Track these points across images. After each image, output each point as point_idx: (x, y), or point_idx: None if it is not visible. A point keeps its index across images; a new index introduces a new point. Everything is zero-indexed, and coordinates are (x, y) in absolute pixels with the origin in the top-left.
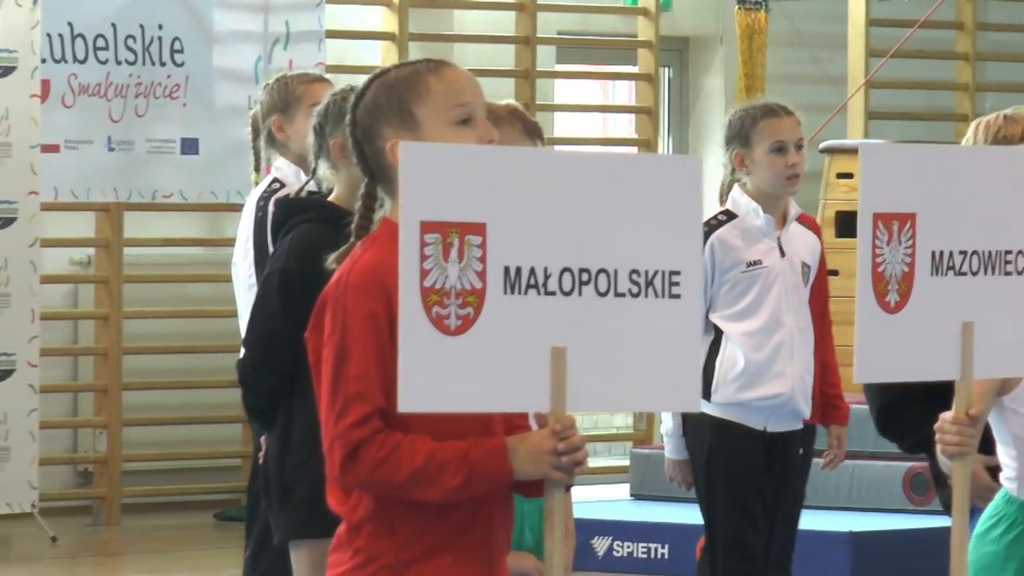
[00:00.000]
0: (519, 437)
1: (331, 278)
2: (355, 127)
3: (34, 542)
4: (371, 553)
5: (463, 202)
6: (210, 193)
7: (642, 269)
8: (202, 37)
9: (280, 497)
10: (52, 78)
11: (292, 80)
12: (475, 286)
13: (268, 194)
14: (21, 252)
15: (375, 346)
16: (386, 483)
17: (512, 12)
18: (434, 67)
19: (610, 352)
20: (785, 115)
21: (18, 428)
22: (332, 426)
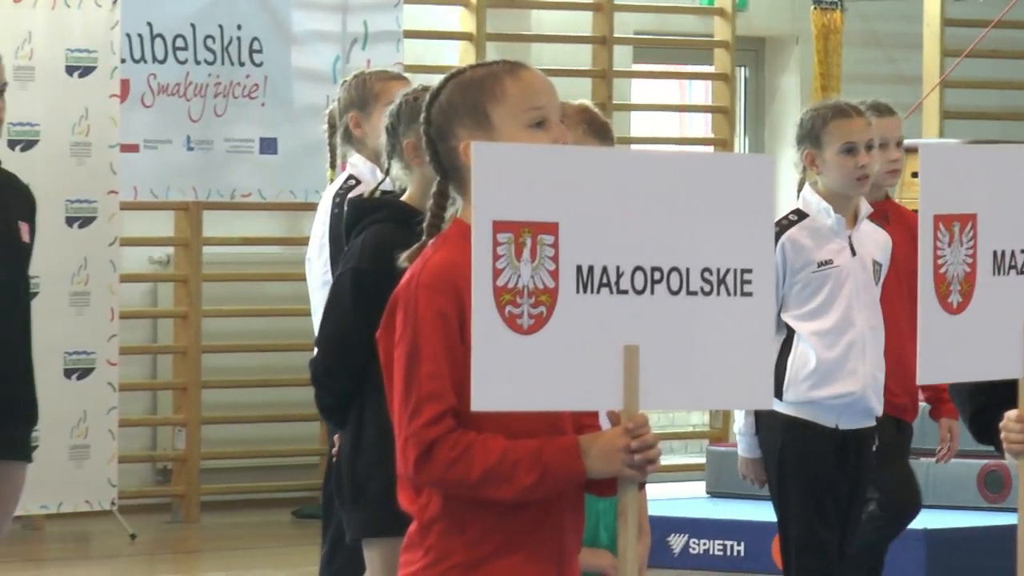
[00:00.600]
0: (592, 436)
1: (402, 277)
2: (429, 126)
3: (113, 539)
4: (442, 552)
5: (535, 202)
6: (288, 192)
7: (714, 267)
8: (281, 37)
9: (353, 496)
10: (131, 78)
11: (370, 77)
12: (548, 285)
13: (344, 191)
14: (101, 251)
15: (446, 345)
16: (459, 482)
17: (589, 12)
18: (510, 69)
19: (682, 350)
20: (856, 116)
21: (98, 426)
22: (405, 425)
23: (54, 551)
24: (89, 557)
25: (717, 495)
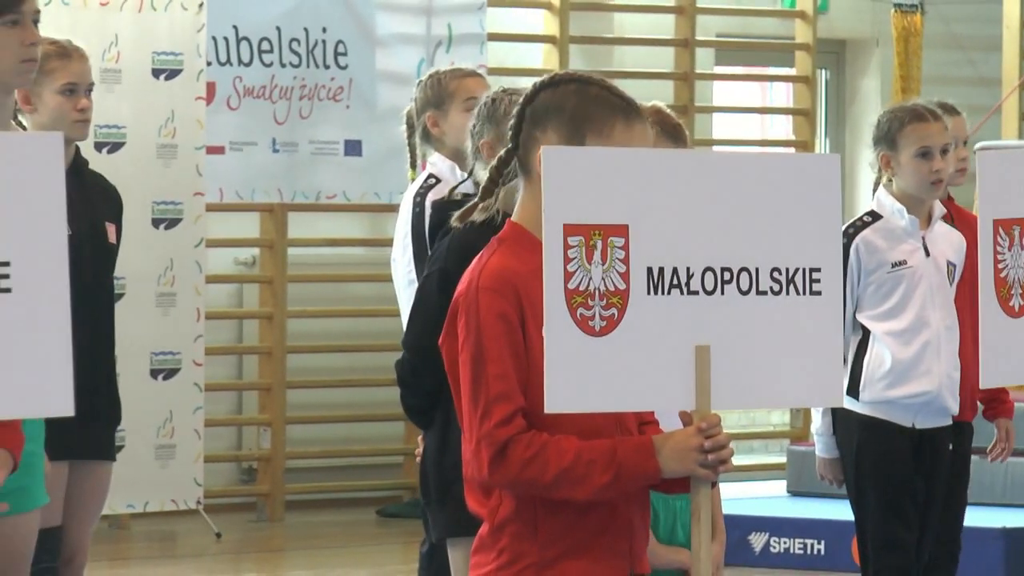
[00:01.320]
0: (664, 435)
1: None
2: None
3: (199, 538)
4: (515, 553)
5: (605, 204)
6: (373, 194)
7: (783, 267)
8: (365, 40)
9: (438, 496)
10: (217, 81)
11: (445, 76)
12: (619, 287)
13: (424, 190)
14: (187, 252)
15: (510, 346)
16: (534, 482)
17: (671, 15)
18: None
19: (753, 349)
20: (933, 120)
21: (184, 426)
22: (476, 428)
23: (140, 550)
24: (175, 556)
25: (798, 494)
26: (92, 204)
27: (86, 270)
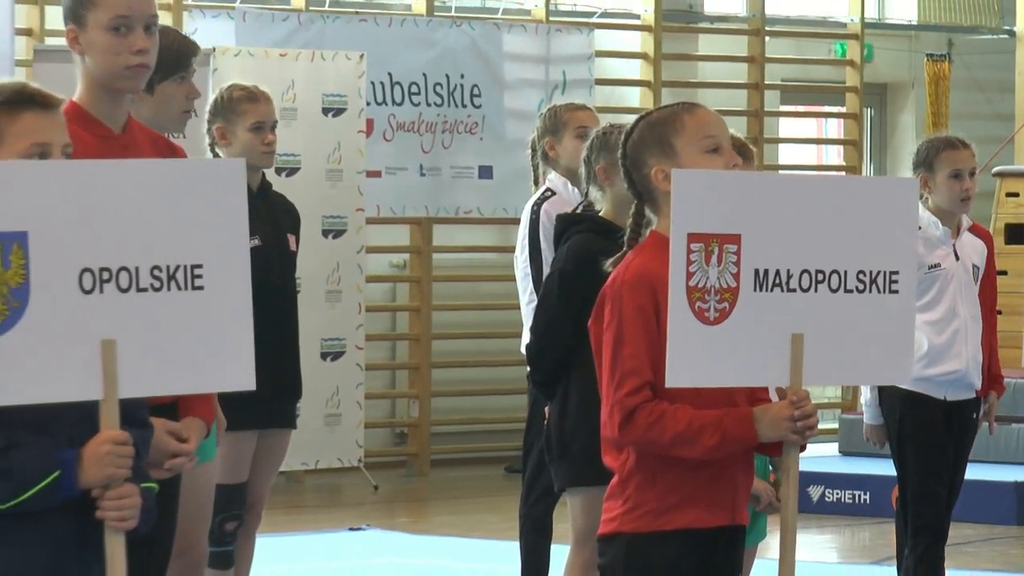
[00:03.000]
0: (763, 407)
1: (605, 278)
2: (625, 158)
3: (360, 490)
4: (638, 500)
5: (722, 217)
6: (502, 209)
7: (867, 270)
8: (495, 84)
9: (559, 453)
10: (375, 117)
11: (560, 109)
12: (731, 285)
13: (541, 200)
14: (350, 257)
15: (645, 332)
16: (655, 442)
17: (745, 63)
18: (688, 108)
19: (839, 337)
20: (963, 148)
21: (347, 398)
22: (611, 395)
23: (312, 499)
24: (340, 504)
25: (848, 454)
26: (276, 219)
27: (273, 273)
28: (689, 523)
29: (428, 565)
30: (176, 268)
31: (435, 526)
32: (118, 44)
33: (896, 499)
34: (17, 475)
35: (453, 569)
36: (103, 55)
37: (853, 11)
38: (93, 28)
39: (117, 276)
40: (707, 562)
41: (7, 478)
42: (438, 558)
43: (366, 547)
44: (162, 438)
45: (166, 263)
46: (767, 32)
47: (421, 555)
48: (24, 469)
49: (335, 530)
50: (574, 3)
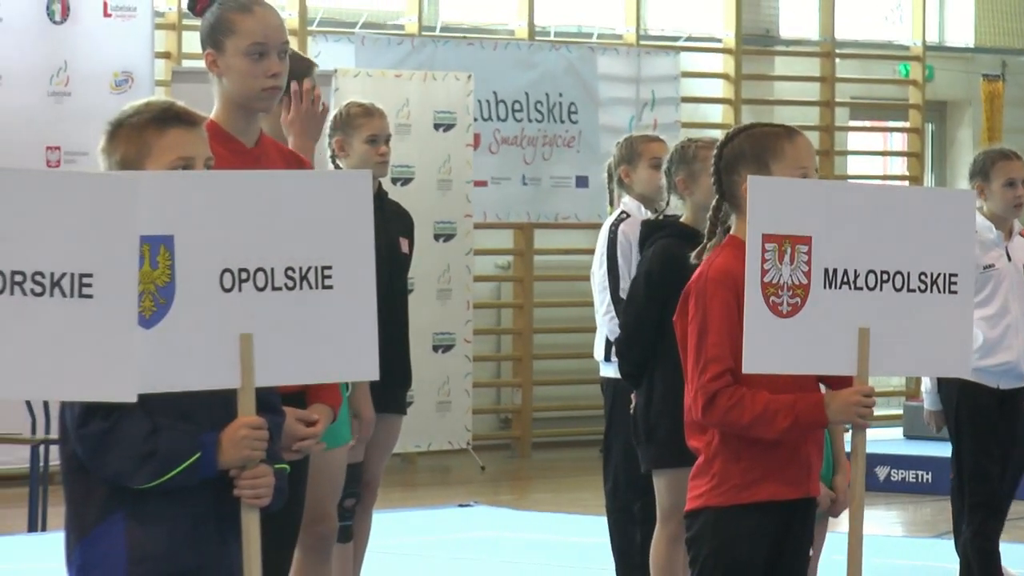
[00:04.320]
0: (832, 393)
1: (686, 277)
2: (720, 159)
3: (468, 470)
4: (723, 476)
5: (794, 220)
6: (596, 215)
7: (928, 271)
8: (591, 102)
9: (646, 437)
10: (481, 132)
11: (636, 139)
12: (802, 282)
13: (617, 221)
14: (459, 259)
15: (727, 323)
16: (734, 423)
17: (817, 83)
18: (789, 135)
19: (903, 331)
20: (1016, 159)
21: (457, 387)
22: (695, 381)
23: (424, 479)
24: (449, 483)
25: (911, 437)
26: (390, 224)
27: (385, 273)
28: (770, 496)
29: (530, 539)
30: (308, 269)
31: (536, 503)
32: (254, 68)
33: (952, 480)
34: (162, 456)
35: (552, 542)
36: (240, 78)
37: (916, 35)
38: (231, 53)
39: (254, 276)
40: (784, 532)
41: (153, 459)
42: (539, 532)
43: (473, 522)
44: (292, 424)
45: (299, 264)
46: (837, 54)
47: (523, 530)
48: (169, 451)
49: (445, 506)
50: (662, 28)
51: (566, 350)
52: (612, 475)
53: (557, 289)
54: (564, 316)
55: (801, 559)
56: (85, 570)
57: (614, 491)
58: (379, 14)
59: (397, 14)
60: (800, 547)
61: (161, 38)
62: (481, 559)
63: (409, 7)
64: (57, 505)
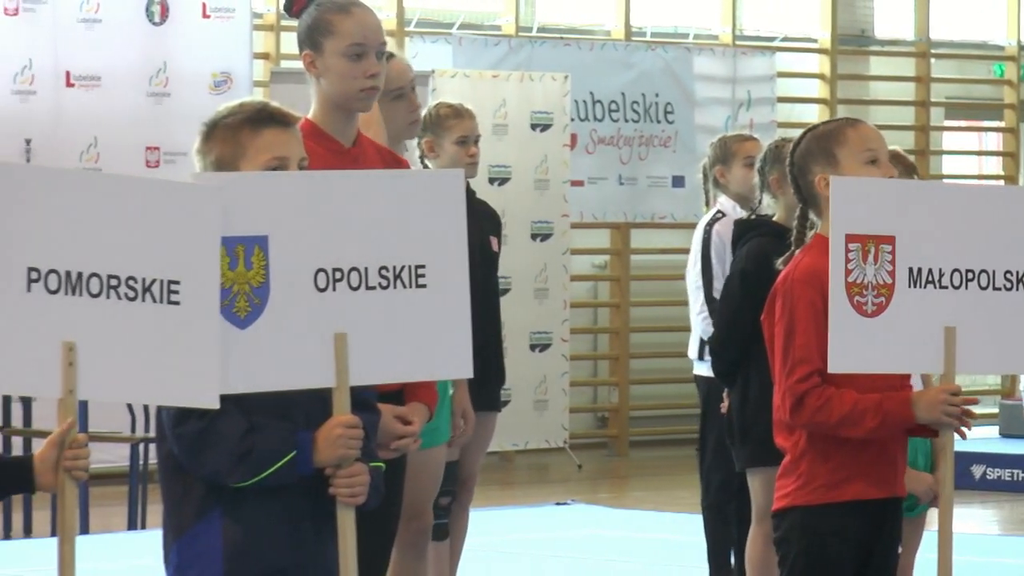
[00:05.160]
0: (920, 392)
1: (777, 276)
2: (792, 166)
3: (565, 468)
4: (810, 476)
5: (877, 220)
6: (693, 215)
7: (1015, 270)
8: (687, 102)
9: (740, 436)
10: (578, 132)
11: (730, 139)
12: (886, 281)
13: (712, 221)
14: (556, 259)
15: (814, 324)
16: (822, 424)
17: (912, 83)
18: (851, 122)
19: (990, 331)
20: None
21: (554, 386)
22: (783, 382)
23: (522, 476)
24: (547, 481)
25: (1007, 436)
26: (479, 223)
27: (478, 272)
28: (857, 495)
29: (626, 536)
30: (402, 268)
31: (633, 501)
32: (353, 69)
33: None
34: (258, 455)
35: (649, 540)
36: (339, 79)
37: (1011, 34)
38: (330, 54)
39: (348, 275)
40: (872, 532)
41: (249, 458)
42: (635, 530)
43: (570, 520)
44: (389, 422)
45: (392, 263)
46: (932, 54)
47: (620, 527)
48: (264, 450)
49: (543, 504)
50: (758, 28)
51: (663, 349)
52: (706, 473)
53: (653, 288)
54: (661, 315)
55: (890, 559)
56: (182, 569)
57: (707, 491)
58: (476, 15)
59: (494, 15)
60: (889, 547)
61: (259, 39)
62: (578, 557)
63: (506, 8)
64: (156, 503)
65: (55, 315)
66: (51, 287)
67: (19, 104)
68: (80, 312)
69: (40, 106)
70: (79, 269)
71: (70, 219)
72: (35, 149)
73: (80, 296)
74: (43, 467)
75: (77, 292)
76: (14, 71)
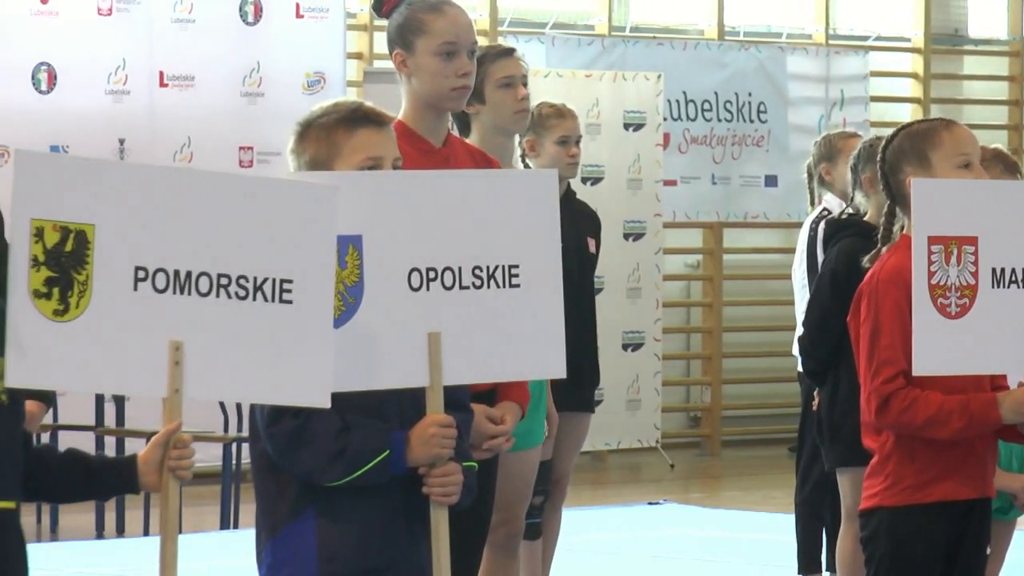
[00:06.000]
0: (1005, 393)
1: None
2: (884, 163)
3: (657, 468)
4: (898, 477)
5: (960, 221)
6: (786, 214)
7: None
8: (780, 101)
9: (830, 436)
10: (671, 132)
11: (834, 137)
12: (969, 283)
13: (818, 219)
14: (649, 258)
15: (899, 325)
16: (908, 425)
17: (1006, 82)
18: (946, 124)
19: None
20: None
21: (646, 385)
22: (868, 383)
23: (614, 476)
24: (639, 481)
25: None
26: (577, 224)
27: (573, 272)
28: (944, 496)
29: (719, 536)
30: (495, 268)
31: (725, 501)
32: (445, 68)
33: None
34: (351, 454)
35: (742, 540)
36: (431, 78)
37: None
38: (422, 53)
39: (442, 275)
40: (960, 533)
41: (343, 457)
42: (728, 530)
43: (663, 520)
44: (482, 422)
45: (486, 263)
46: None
47: (712, 527)
48: (358, 449)
49: (635, 504)
50: (851, 28)
51: (755, 348)
52: (802, 471)
53: (746, 288)
54: (754, 314)
55: (977, 560)
56: (275, 568)
57: (802, 487)
58: (569, 15)
59: (587, 15)
60: (976, 547)
61: (353, 39)
62: (671, 557)
63: (599, 8)
64: (249, 503)
65: (162, 314)
66: (158, 286)
67: (113, 104)
68: (188, 311)
69: (134, 106)
70: (188, 268)
71: (179, 218)
72: (129, 149)
73: (188, 295)
74: (147, 467)
75: (185, 291)
76: (108, 71)
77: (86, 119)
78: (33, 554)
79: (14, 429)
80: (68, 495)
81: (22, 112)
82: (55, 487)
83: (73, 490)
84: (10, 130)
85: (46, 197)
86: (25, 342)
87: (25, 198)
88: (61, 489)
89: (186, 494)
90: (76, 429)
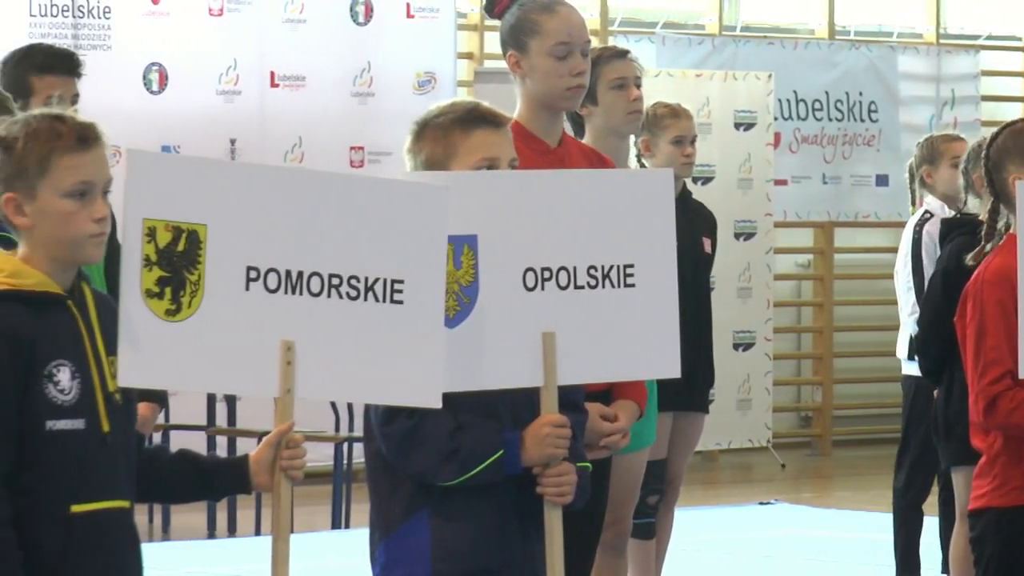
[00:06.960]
0: None
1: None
2: (988, 160)
3: (768, 468)
4: (1005, 477)
5: None
6: (896, 214)
7: None
8: (891, 101)
9: (945, 434)
10: (782, 131)
11: (937, 139)
12: None
13: (921, 222)
14: (759, 258)
15: (1004, 324)
16: (1016, 426)
17: None
18: None
19: None
20: None
21: (757, 385)
22: (975, 384)
23: (725, 476)
24: (750, 481)
25: None
26: (692, 224)
27: (688, 272)
28: None
29: (830, 536)
30: (610, 267)
31: (836, 501)
32: (559, 68)
33: None
34: (465, 454)
35: (853, 540)
36: (545, 78)
37: None
38: (536, 54)
39: (557, 275)
40: None
41: (457, 457)
42: (839, 530)
43: (774, 519)
44: (595, 421)
45: (601, 263)
46: None
47: (824, 527)
48: (472, 448)
49: (746, 504)
50: (962, 27)
51: (867, 348)
52: (905, 472)
53: (857, 287)
54: (865, 314)
55: None
56: (389, 567)
57: (905, 488)
58: (680, 14)
59: (698, 14)
60: None
61: (463, 39)
62: (782, 557)
63: (710, 7)
64: (360, 502)
65: (274, 314)
66: (270, 286)
67: (224, 104)
68: (299, 311)
69: (245, 106)
70: (299, 268)
71: (290, 218)
72: (240, 149)
73: (300, 295)
74: (259, 468)
75: (297, 291)
76: (219, 71)
77: (197, 119)
78: (145, 553)
79: (128, 428)
80: (180, 496)
81: (133, 112)
82: (167, 488)
83: (185, 491)
84: (121, 130)
85: (158, 197)
86: (138, 342)
87: (137, 198)
88: (173, 490)
89: (297, 494)
90: (188, 429)
